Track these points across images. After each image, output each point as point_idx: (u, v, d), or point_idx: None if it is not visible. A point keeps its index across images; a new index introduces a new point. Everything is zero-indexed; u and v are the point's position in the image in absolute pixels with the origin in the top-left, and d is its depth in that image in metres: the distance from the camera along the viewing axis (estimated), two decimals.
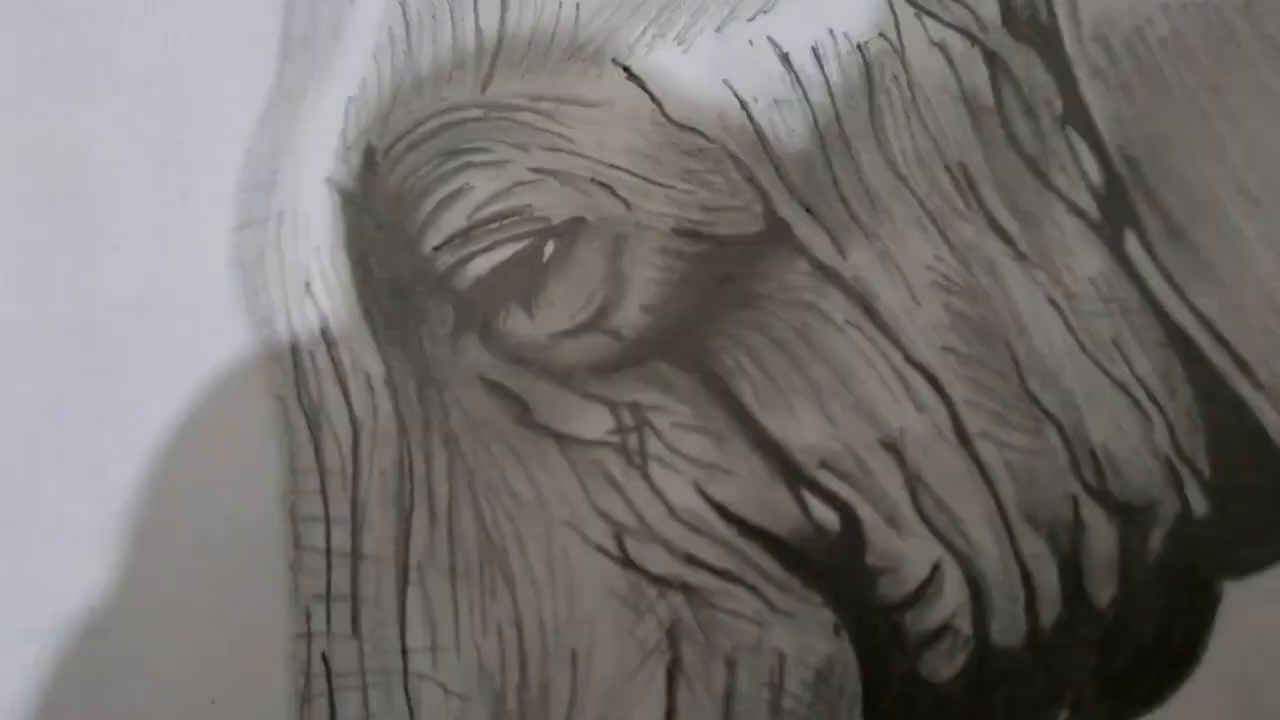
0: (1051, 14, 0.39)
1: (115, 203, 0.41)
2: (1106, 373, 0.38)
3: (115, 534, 0.39)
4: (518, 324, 0.38)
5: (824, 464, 0.38)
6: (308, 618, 0.38)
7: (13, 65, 0.41)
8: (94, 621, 0.39)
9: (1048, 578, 0.38)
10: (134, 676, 0.39)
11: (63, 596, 0.39)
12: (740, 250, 0.38)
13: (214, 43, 0.41)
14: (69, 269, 0.40)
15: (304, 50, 0.40)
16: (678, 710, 0.38)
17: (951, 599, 0.38)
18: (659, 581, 0.38)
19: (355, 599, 0.38)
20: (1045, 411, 0.38)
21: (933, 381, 0.38)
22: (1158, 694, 0.38)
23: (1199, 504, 0.38)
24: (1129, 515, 0.38)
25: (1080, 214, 0.38)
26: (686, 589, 0.38)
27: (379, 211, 0.39)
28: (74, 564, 0.39)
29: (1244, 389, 0.37)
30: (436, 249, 0.38)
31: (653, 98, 0.38)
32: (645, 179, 0.38)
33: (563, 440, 0.38)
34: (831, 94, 0.38)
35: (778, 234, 0.38)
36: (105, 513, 0.39)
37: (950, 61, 0.39)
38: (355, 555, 0.38)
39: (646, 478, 0.38)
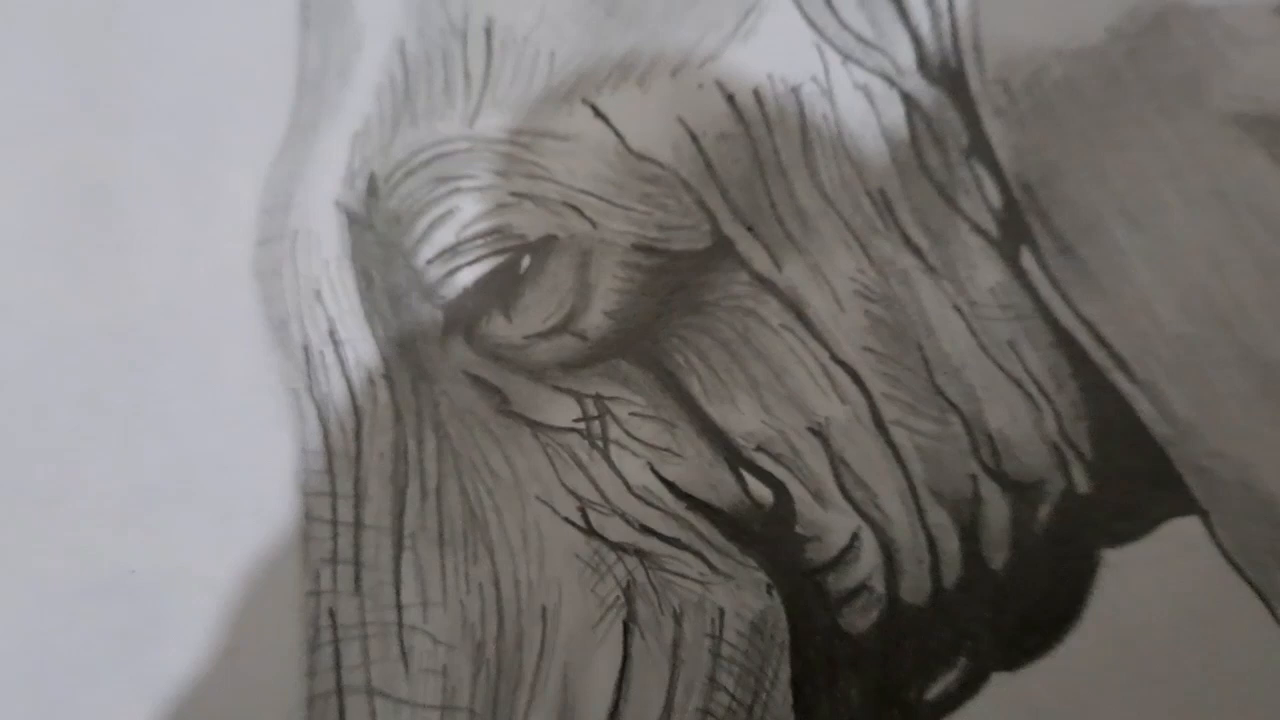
0: (959, 60, 0.40)
1: (148, 221, 0.41)
2: (1003, 369, 0.39)
3: (150, 508, 0.40)
4: (498, 327, 0.39)
5: (760, 447, 0.39)
6: (317, 578, 0.39)
7: (58, 97, 0.42)
8: (133, 583, 0.40)
9: (950, 545, 0.39)
10: (165, 630, 0.40)
11: (104, 562, 0.40)
12: (691, 263, 0.39)
13: (236, 81, 0.42)
14: (107, 279, 0.41)
15: (316, 90, 0.41)
16: (632, 657, 0.39)
17: (867, 563, 0.39)
18: (617, 548, 0.39)
19: (357, 562, 0.39)
20: (950, 402, 0.39)
21: (854, 377, 0.39)
22: (1045, 645, 0.39)
23: (1082, 482, 0.40)
24: (1021, 491, 0.39)
25: (982, 233, 0.40)
26: (641, 554, 0.39)
27: (380, 230, 0.40)
28: (114, 535, 0.40)
29: (1122, 383, 0.39)
30: (429, 262, 0.39)
31: (616, 132, 0.39)
32: (609, 202, 0.39)
33: (535, 427, 0.40)
34: (770, 129, 0.40)
35: (723, 249, 0.39)
36: (140, 490, 0.40)
37: (871, 101, 0.40)
38: (357, 525, 0.39)
39: (607, 459, 0.40)
